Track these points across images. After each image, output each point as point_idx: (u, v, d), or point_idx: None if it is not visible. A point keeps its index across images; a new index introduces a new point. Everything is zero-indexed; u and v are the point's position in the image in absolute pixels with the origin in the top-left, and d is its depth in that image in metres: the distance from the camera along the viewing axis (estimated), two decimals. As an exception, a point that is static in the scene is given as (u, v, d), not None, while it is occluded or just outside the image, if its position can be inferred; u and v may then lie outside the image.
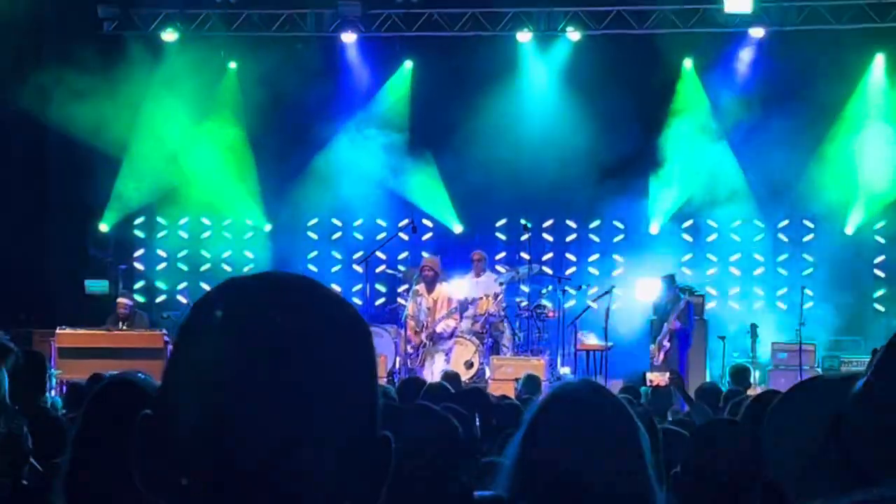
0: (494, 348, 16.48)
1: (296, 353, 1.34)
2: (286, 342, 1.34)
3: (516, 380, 13.02)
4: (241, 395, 1.32)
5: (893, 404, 1.84)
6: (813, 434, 1.92)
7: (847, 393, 1.90)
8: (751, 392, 11.46)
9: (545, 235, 19.80)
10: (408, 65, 19.90)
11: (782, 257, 19.51)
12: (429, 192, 19.43)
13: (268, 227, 20.05)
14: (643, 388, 10.72)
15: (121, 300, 17.11)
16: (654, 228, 19.31)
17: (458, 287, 16.93)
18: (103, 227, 19.54)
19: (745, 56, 18.91)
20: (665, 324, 16.24)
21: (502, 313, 16.78)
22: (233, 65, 19.84)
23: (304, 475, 1.33)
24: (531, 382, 12.15)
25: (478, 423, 5.31)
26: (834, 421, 1.90)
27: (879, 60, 18.68)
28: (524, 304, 17.07)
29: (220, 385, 1.33)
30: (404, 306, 16.48)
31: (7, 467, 4.35)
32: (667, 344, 16.18)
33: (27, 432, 4.69)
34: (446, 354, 16.02)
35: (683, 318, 16.23)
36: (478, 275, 17.20)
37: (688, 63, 19.19)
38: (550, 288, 17.74)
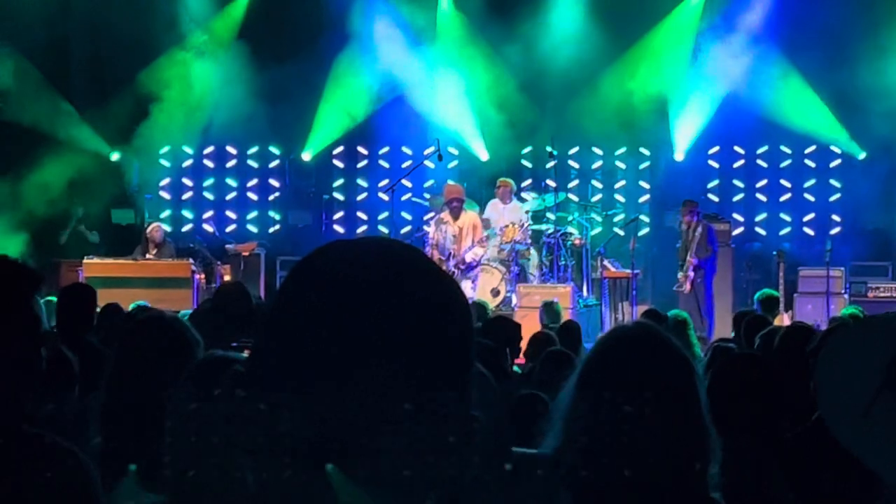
0: (521, 276, 16.46)
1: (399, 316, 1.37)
2: (391, 307, 1.37)
3: (543, 307, 13.02)
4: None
5: None
6: (866, 379, 1.94)
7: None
8: (778, 321, 11.46)
9: (571, 163, 19.73)
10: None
11: (809, 183, 19.40)
12: (456, 119, 19.31)
13: (307, 156, 19.90)
14: (670, 312, 10.56)
15: (154, 224, 17.22)
16: (679, 155, 19.19)
17: (488, 213, 16.95)
18: (114, 157, 19.29)
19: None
20: (688, 253, 16.22)
21: (528, 241, 16.74)
22: None
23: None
24: (550, 310, 12.15)
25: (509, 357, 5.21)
26: (890, 367, 1.93)
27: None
28: (550, 231, 17.00)
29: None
30: (428, 233, 16.50)
31: (54, 392, 4.39)
32: (692, 273, 16.15)
33: (75, 358, 4.72)
34: (472, 282, 16.04)
35: (702, 249, 16.17)
36: (504, 202, 17.15)
37: None
38: (577, 215, 17.68)
